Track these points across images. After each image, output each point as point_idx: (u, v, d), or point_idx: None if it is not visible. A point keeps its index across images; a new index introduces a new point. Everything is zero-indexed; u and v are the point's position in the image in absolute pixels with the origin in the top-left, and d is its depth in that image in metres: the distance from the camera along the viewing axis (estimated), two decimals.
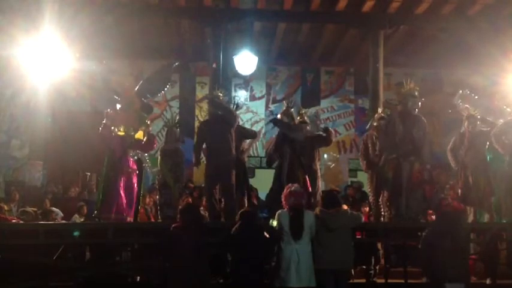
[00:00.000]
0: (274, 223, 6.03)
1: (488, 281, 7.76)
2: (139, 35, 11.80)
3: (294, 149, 7.56)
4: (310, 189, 7.39)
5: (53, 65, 9.92)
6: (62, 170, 11.72)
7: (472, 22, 10.88)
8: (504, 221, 7.69)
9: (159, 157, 8.23)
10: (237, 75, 12.81)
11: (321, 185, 8.07)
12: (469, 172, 8.04)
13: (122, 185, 7.55)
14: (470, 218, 8.08)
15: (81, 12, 10.04)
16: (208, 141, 7.76)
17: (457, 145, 8.20)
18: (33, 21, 9.57)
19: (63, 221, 8.30)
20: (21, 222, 7.64)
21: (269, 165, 8.17)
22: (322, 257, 5.92)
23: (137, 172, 7.87)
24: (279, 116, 8.10)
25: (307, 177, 7.45)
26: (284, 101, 9.10)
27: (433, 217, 7.44)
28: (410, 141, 7.49)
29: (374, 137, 8.23)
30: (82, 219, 8.90)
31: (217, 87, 8.85)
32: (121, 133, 7.76)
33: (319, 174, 7.93)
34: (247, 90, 14.07)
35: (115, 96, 7.89)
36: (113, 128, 7.66)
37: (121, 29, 11.22)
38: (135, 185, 7.81)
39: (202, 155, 7.92)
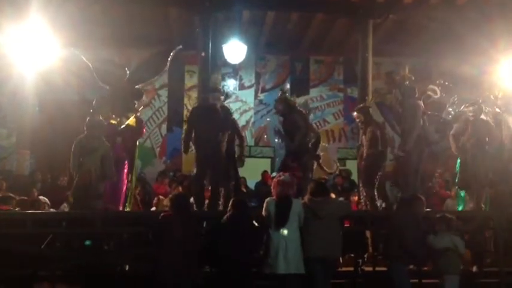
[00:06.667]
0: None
1: (474, 269, 7.83)
2: (127, 23, 11.68)
3: None
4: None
5: (39, 54, 9.81)
6: (50, 159, 11.64)
7: (460, 11, 10.86)
8: None
9: None
10: (226, 64, 12.76)
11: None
12: (468, 158, 8.12)
13: None
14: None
15: (68, 0, 9.93)
16: (197, 129, 7.71)
17: (460, 131, 8.29)
18: (19, 9, 9.44)
19: (52, 210, 8.25)
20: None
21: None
22: (310, 245, 5.96)
23: (127, 160, 7.83)
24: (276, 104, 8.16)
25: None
26: (280, 89, 9.09)
27: None
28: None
29: None
30: None
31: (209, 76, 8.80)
32: (113, 121, 7.71)
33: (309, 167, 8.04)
34: (236, 79, 14.03)
35: (102, 85, 7.83)
36: (100, 116, 7.60)
37: (108, 17, 11.11)
38: (125, 173, 7.76)
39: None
